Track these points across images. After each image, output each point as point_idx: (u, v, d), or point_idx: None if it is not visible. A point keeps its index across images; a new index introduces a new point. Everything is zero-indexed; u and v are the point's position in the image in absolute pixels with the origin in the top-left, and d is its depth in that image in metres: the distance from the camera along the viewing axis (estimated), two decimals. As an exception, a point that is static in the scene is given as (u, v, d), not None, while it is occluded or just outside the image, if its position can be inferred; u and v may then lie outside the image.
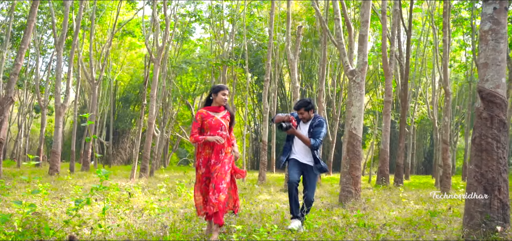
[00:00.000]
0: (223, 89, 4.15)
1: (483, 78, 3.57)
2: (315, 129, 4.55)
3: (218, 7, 20.75)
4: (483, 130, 3.53)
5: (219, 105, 4.14)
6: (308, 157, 4.57)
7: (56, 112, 13.49)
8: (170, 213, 4.97)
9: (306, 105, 4.61)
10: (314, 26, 23.85)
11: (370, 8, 6.35)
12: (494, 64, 3.52)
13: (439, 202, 7.46)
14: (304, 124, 4.66)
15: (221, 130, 4.07)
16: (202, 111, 4.13)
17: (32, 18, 10.86)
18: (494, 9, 3.52)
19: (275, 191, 8.99)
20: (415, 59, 22.00)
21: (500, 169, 3.49)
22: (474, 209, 3.54)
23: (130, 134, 33.55)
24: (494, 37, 3.51)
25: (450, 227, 4.53)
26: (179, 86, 25.57)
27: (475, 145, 3.60)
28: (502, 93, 3.52)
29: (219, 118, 4.10)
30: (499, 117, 3.50)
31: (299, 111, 4.63)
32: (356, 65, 6.33)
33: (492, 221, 3.47)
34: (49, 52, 26.02)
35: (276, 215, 5.32)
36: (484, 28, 3.57)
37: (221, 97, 4.11)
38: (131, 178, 11.06)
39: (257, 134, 30.89)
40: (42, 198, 4.87)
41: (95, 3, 17.26)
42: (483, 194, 3.49)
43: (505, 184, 3.52)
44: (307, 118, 4.63)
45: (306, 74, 29.26)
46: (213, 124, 4.06)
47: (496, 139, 3.49)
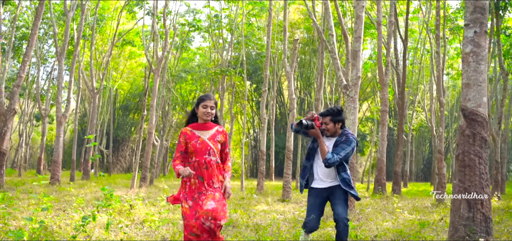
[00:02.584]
0: (204, 100, 3.29)
1: (465, 97, 3.77)
2: (339, 145, 3.60)
3: (217, 17, 21.02)
4: (466, 146, 3.72)
5: (204, 121, 3.29)
6: (331, 176, 3.65)
7: (57, 122, 13.67)
8: (170, 225, 5.15)
9: (333, 114, 3.63)
10: (312, 35, 24.10)
11: (363, 24, 6.57)
12: (475, 84, 3.72)
13: (432, 212, 7.64)
14: (330, 138, 3.70)
15: (209, 154, 3.22)
16: (186, 130, 3.30)
17: (35, 31, 11.09)
18: (474, 32, 3.73)
19: (272, 200, 9.16)
20: (412, 67, 22.24)
21: (482, 183, 3.68)
22: (458, 222, 3.72)
23: (130, 142, 33.71)
24: (475, 59, 3.72)
25: (437, 238, 4.71)
26: (178, 94, 25.80)
27: (458, 161, 3.79)
28: (484, 112, 3.72)
29: (206, 139, 3.25)
30: (481, 135, 3.70)
31: (324, 121, 3.65)
32: (349, 80, 6.53)
33: (475, 233, 3.65)
34: (50, 62, 26.29)
35: (271, 226, 5.49)
36: (465, 50, 3.78)
37: (202, 111, 3.25)
38: (131, 187, 11.23)
39: (256, 141, 31.05)
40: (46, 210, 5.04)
41: (96, 14, 17.51)
42: (466, 208, 3.68)
43: (487, 199, 3.71)
44: (333, 132, 3.68)
45: (305, 82, 29.50)
46: (198, 147, 3.22)
47: (478, 155, 3.69)
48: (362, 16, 6.46)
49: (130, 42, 22.83)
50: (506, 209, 8.46)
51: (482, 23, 3.73)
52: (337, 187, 3.63)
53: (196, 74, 24.58)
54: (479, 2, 3.74)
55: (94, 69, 20.10)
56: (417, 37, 21.43)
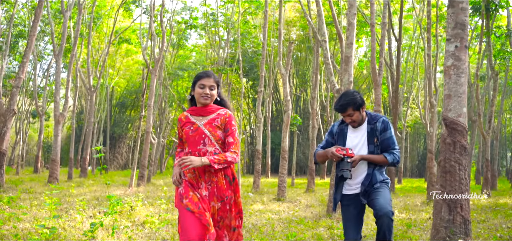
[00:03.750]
0: (201, 78, 2.66)
1: (447, 108, 4.03)
2: (382, 137, 3.03)
3: (213, 15, 21.18)
4: (447, 154, 3.98)
5: (202, 104, 2.68)
6: (364, 172, 3.06)
7: (55, 121, 13.84)
8: (169, 226, 5.39)
9: (354, 102, 3.02)
10: (308, 33, 24.33)
11: (355, 31, 6.80)
12: (456, 95, 3.98)
13: (422, 211, 7.93)
14: (354, 130, 3.12)
15: (204, 144, 2.60)
16: (181, 116, 2.75)
17: (34, 32, 11.24)
18: (455, 47, 3.98)
19: (268, 199, 9.43)
20: (406, 64, 22.53)
21: (462, 188, 3.94)
22: (440, 224, 3.99)
23: (127, 139, 33.87)
24: (456, 72, 3.97)
25: (421, 239, 4.98)
26: (175, 92, 25.98)
27: (440, 167, 4.05)
28: (463, 121, 3.98)
29: (200, 125, 2.63)
30: (461, 143, 3.96)
31: (346, 114, 3.06)
32: (342, 84, 6.77)
33: (455, 235, 3.92)
34: (47, 59, 26.38)
35: (266, 226, 5.74)
36: (447, 64, 4.03)
37: (199, 93, 2.64)
38: (129, 186, 11.46)
39: (253, 138, 31.29)
40: (50, 213, 5.27)
41: (93, 12, 17.64)
42: (447, 211, 3.94)
43: (466, 202, 3.98)
44: (359, 120, 3.08)
45: (300, 79, 29.76)
46: (191, 136, 2.62)
47: (458, 162, 3.95)
48: (353, 23, 6.69)
49: (126, 40, 22.97)
50: (493, 207, 8.76)
51: (462, 38, 3.98)
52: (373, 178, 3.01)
53: (193, 72, 24.77)
54: (459, 18, 3.99)
55: (91, 67, 20.23)
56: (411, 35, 21.70)
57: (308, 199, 9.68)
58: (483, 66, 19.06)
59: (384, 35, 13.30)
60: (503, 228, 5.89)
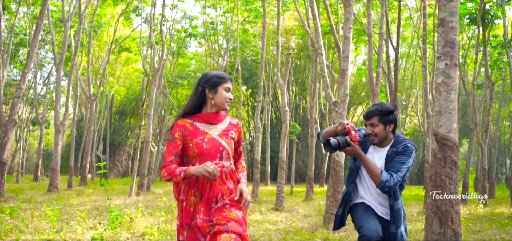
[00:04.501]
0: (225, 80, 2.33)
1: (437, 124, 4.15)
2: (395, 158, 2.70)
3: (213, 24, 21.37)
4: (438, 168, 4.09)
5: (218, 110, 2.35)
6: (383, 206, 2.76)
7: (56, 130, 13.94)
8: (168, 237, 5.48)
9: (382, 113, 2.71)
10: (306, 41, 24.52)
11: (350, 44, 6.93)
12: (446, 112, 4.10)
13: (417, 220, 8.01)
14: (377, 148, 2.80)
15: (221, 158, 2.29)
16: (184, 123, 2.31)
17: (35, 44, 11.38)
18: (445, 65, 4.11)
19: (266, 209, 9.51)
20: (405, 72, 22.68)
21: (452, 202, 4.05)
22: (431, 237, 4.09)
23: (126, 147, 33.96)
24: (446, 89, 4.09)
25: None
26: (174, 99, 26.12)
27: (431, 181, 4.16)
28: (454, 137, 4.09)
29: (215, 136, 2.30)
30: (451, 158, 4.07)
31: (370, 122, 2.74)
32: (338, 97, 6.89)
33: (447, 247, 4.02)
34: (47, 67, 26.56)
35: (264, 237, 5.83)
36: (437, 81, 4.15)
37: (223, 97, 2.32)
38: (129, 195, 11.54)
39: (252, 146, 31.39)
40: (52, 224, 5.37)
41: (93, 21, 17.81)
42: (438, 224, 4.05)
43: (457, 216, 4.08)
44: (382, 138, 2.75)
45: (300, 88, 29.91)
46: (206, 148, 2.27)
47: (449, 176, 4.06)
48: (349, 37, 6.84)
49: (126, 49, 23.16)
50: (489, 217, 8.85)
51: (452, 56, 4.11)
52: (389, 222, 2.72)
53: (192, 79, 24.93)
54: (449, 37, 4.12)
55: (91, 76, 20.38)
56: (410, 43, 21.88)
57: (306, 209, 9.76)
58: (481, 74, 19.18)
59: (382, 45, 13.47)
60: (497, 239, 5.98)
